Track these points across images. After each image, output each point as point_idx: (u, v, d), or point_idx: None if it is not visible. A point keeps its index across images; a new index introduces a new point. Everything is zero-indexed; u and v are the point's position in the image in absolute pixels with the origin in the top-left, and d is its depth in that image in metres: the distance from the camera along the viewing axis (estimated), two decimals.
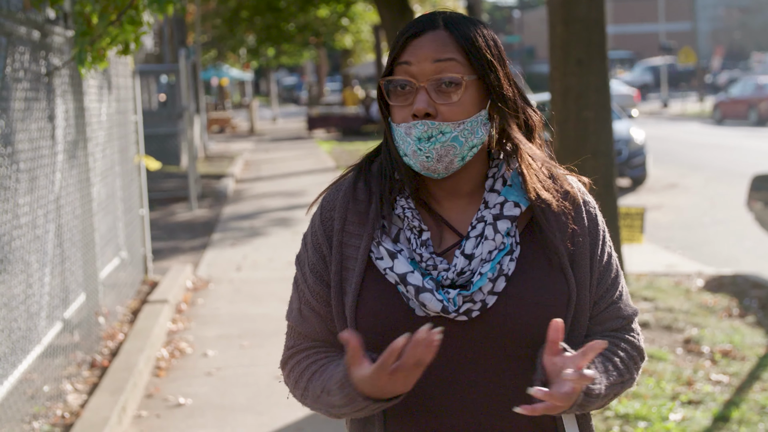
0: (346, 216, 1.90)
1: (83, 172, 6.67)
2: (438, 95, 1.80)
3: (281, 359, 1.97)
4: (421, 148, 1.80)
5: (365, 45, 36.15)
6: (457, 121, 1.80)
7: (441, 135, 1.79)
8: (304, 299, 1.93)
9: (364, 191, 1.91)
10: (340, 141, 29.67)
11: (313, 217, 1.97)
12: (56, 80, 6.04)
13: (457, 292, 1.78)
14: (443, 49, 1.81)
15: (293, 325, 1.95)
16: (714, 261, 10.07)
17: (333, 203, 1.93)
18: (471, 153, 1.84)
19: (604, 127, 7.27)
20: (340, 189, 1.94)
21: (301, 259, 1.97)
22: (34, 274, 5.30)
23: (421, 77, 1.81)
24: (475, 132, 1.83)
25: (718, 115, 32.77)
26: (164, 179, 16.82)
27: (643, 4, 65.37)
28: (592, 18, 7.12)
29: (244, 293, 8.68)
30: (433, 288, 1.79)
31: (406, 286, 1.80)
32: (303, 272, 1.95)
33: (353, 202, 1.91)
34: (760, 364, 6.00)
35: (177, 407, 5.72)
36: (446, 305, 1.78)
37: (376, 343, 1.81)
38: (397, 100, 1.84)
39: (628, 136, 16.16)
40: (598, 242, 1.93)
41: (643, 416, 5.07)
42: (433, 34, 1.83)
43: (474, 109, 1.83)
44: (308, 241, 1.96)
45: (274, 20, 27.38)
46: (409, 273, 1.80)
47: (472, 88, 1.82)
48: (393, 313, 1.82)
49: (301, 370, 1.90)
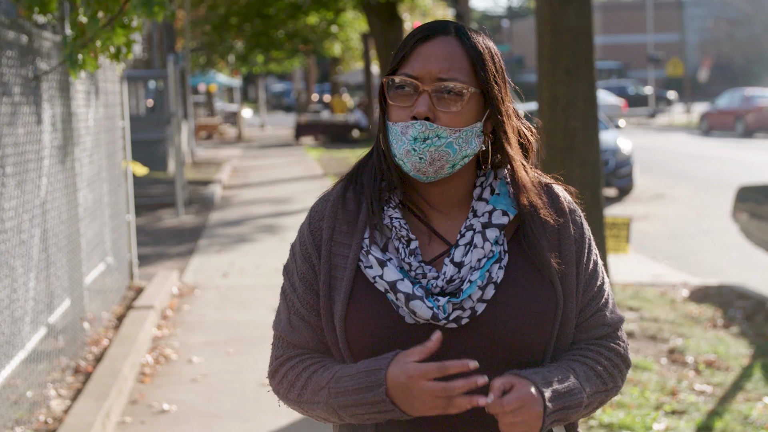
0: (334, 226, 1.91)
1: (70, 177, 6.65)
2: (439, 102, 1.82)
3: (270, 369, 1.95)
4: (415, 148, 1.81)
5: (354, 53, 36.18)
6: (455, 128, 1.82)
7: (437, 138, 1.81)
8: (294, 309, 1.93)
9: (353, 201, 1.92)
10: (329, 148, 29.67)
11: (302, 227, 1.97)
12: (44, 84, 6.03)
13: (447, 300, 1.79)
14: (452, 58, 1.83)
15: (282, 335, 1.94)
16: (700, 271, 10.10)
17: (322, 213, 1.93)
18: (462, 162, 1.85)
19: (591, 137, 7.29)
20: (328, 199, 1.95)
21: (290, 269, 1.96)
22: (18, 278, 5.28)
23: (426, 81, 1.82)
24: (469, 142, 1.84)
25: (705, 126, 32.93)
26: (151, 185, 16.78)
27: (631, 15, 65.62)
28: (581, 28, 7.15)
29: (230, 300, 8.66)
30: (423, 295, 1.80)
31: (396, 293, 1.80)
32: (292, 282, 1.94)
33: (342, 212, 1.91)
34: (744, 375, 6.02)
35: (162, 414, 5.70)
36: (436, 312, 1.79)
37: (365, 352, 1.83)
38: (397, 100, 1.85)
39: (615, 146, 16.21)
40: (584, 250, 1.95)
41: (627, 426, 5.08)
42: (444, 40, 1.85)
43: (472, 120, 1.85)
44: (297, 251, 1.96)
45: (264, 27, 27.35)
46: (399, 281, 1.81)
47: (473, 101, 1.84)
48: (382, 321, 1.82)
49: (298, 371, 1.89)
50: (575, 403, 1.81)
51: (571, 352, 1.91)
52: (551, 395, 1.78)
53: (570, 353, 1.91)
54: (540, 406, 1.76)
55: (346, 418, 1.82)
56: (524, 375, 1.78)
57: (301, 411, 1.91)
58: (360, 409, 1.78)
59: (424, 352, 1.73)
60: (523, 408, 1.73)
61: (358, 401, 1.77)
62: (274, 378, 1.94)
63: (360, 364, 1.79)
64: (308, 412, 1.89)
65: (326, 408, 1.83)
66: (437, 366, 1.70)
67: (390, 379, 1.74)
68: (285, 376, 1.91)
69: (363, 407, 1.78)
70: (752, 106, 30.86)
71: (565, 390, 1.80)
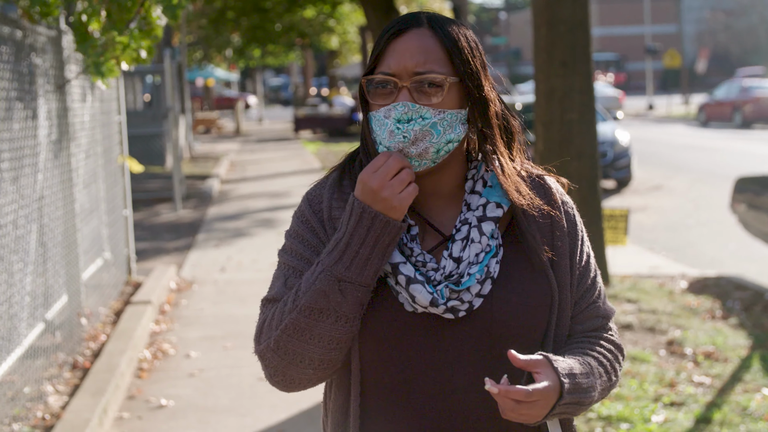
0: (331, 212, 1.88)
1: (66, 172, 6.63)
2: (419, 95, 1.80)
3: (255, 332, 1.87)
4: (399, 127, 1.79)
5: (351, 46, 36.12)
6: (438, 109, 1.80)
7: (421, 119, 1.79)
8: (291, 271, 1.87)
9: (349, 187, 1.90)
10: (326, 142, 29.65)
11: (300, 211, 1.93)
12: (39, 80, 6.01)
13: (444, 284, 1.79)
14: (426, 50, 1.81)
15: (272, 298, 1.86)
16: (698, 263, 10.10)
17: (320, 197, 1.91)
18: (446, 148, 1.83)
19: (588, 129, 7.29)
20: (324, 185, 1.93)
21: (291, 246, 1.91)
22: (15, 274, 5.27)
23: (403, 76, 1.81)
24: (453, 127, 1.82)
25: (703, 117, 32.91)
26: (149, 180, 16.76)
27: (628, 6, 65.57)
28: (577, 20, 7.14)
29: (228, 294, 8.65)
30: (423, 281, 1.79)
31: (396, 276, 1.79)
32: (293, 249, 1.89)
33: (339, 199, 1.89)
34: (743, 366, 6.01)
35: (159, 409, 5.69)
36: (435, 297, 1.78)
37: (364, 338, 1.82)
38: (377, 98, 1.83)
39: (613, 137, 16.20)
40: (578, 242, 1.94)
41: (626, 418, 5.08)
42: (417, 33, 1.82)
43: (455, 106, 1.83)
44: (297, 230, 1.91)
45: (260, 21, 27.35)
46: (402, 263, 1.80)
47: (454, 91, 1.82)
48: (381, 307, 1.81)
49: (282, 305, 1.82)
50: (587, 401, 1.82)
51: (577, 346, 1.91)
52: (570, 387, 1.78)
53: (577, 346, 1.91)
54: (551, 403, 1.76)
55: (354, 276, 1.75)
56: (553, 360, 1.78)
57: (291, 337, 1.78)
58: (363, 250, 1.75)
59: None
60: (539, 402, 1.74)
61: (354, 242, 1.75)
62: (259, 339, 1.85)
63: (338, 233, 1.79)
64: (292, 335, 1.78)
65: (327, 282, 1.75)
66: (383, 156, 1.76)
67: (363, 198, 1.75)
68: (271, 319, 1.83)
69: (359, 245, 1.75)
70: (750, 96, 30.83)
71: (585, 386, 1.81)
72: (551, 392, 1.74)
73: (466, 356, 1.82)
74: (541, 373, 1.75)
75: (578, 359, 1.85)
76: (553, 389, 1.75)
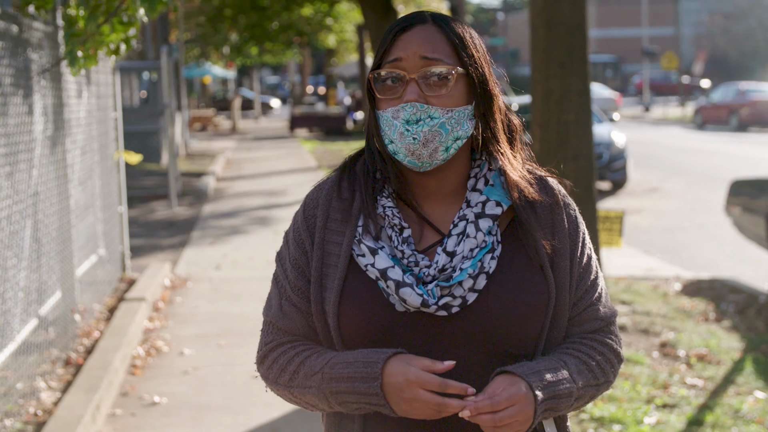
0: (328, 214, 1.92)
1: (61, 168, 6.62)
2: (428, 87, 1.83)
3: (258, 355, 1.95)
4: (408, 129, 1.81)
5: (349, 45, 36.11)
6: (446, 108, 1.82)
7: (429, 119, 1.81)
8: (285, 295, 1.93)
9: (347, 190, 1.93)
10: (323, 140, 29.64)
11: (296, 214, 1.98)
12: (35, 76, 6.00)
13: (435, 283, 1.80)
14: (433, 43, 1.85)
15: (273, 321, 1.95)
16: (693, 265, 10.11)
17: (316, 201, 1.94)
18: (455, 145, 1.85)
19: (584, 131, 7.28)
20: (323, 188, 1.96)
21: (283, 255, 1.97)
22: (9, 270, 5.26)
23: (410, 70, 1.83)
24: (461, 124, 1.85)
25: (700, 120, 32.95)
26: (144, 176, 16.76)
27: (626, 9, 65.61)
28: (575, 21, 7.13)
29: (222, 292, 8.65)
30: (413, 283, 1.80)
31: (386, 281, 1.81)
32: (284, 268, 1.95)
33: (337, 200, 1.92)
34: (735, 369, 6.02)
35: (152, 406, 5.68)
36: (426, 299, 1.79)
37: (356, 339, 1.84)
38: (385, 93, 1.86)
39: (609, 139, 16.21)
40: (578, 244, 1.95)
41: (618, 419, 5.08)
42: (422, 28, 1.86)
43: (462, 102, 1.86)
44: (290, 237, 1.97)
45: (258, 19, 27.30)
46: (390, 268, 1.81)
47: (461, 83, 1.85)
48: (373, 308, 1.83)
49: (290, 357, 1.89)
50: (565, 392, 1.81)
51: (563, 346, 1.91)
52: (540, 384, 1.78)
53: (562, 347, 1.91)
54: (531, 405, 1.76)
55: (336, 406, 1.82)
56: (512, 371, 1.78)
57: (289, 397, 1.90)
58: (351, 397, 1.79)
59: (430, 368, 1.74)
60: (514, 407, 1.74)
61: (351, 389, 1.78)
62: (263, 363, 1.94)
63: (358, 353, 1.80)
64: (298, 397, 1.88)
65: (317, 393, 1.83)
66: (438, 382, 1.72)
67: (387, 375, 1.75)
68: (275, 362, 1.91)
69: (354, 396, 1.78)
70: (746, 100, 30.87)
71: (554, 379, 1.80)
72: (521, 394, 1.75)
73: (461, 352, 1.82)
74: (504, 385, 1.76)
75: (549, 357, 1.86)
76: (519, 389, 1.75)
